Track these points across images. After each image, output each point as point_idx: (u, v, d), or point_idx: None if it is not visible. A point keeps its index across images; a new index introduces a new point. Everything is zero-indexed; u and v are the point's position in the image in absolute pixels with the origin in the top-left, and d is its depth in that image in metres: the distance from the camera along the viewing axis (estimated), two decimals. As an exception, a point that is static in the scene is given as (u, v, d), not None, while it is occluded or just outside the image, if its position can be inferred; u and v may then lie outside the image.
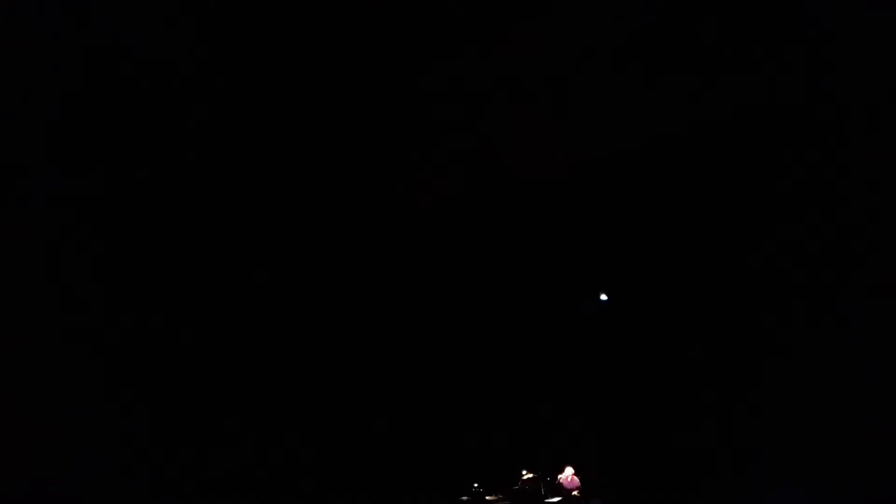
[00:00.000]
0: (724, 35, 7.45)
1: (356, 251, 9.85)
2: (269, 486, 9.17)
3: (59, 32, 6.58)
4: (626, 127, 8.61)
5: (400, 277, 10.32)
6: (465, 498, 10.58)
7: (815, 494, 7.75)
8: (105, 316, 8.06)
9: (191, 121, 7.79)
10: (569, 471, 10.36)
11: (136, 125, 7.64)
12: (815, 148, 8.05)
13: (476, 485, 10.65)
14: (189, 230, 8.63)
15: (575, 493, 10.18)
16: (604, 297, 10.98)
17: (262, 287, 9.38)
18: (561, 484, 10.27)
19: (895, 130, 7.50)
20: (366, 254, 9.91)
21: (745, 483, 8.60)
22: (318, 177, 8.87)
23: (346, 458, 10.00)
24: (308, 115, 8.12)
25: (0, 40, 6.44)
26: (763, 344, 8.87)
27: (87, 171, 7.64)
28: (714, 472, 8.90)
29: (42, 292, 7.64)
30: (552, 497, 10.23)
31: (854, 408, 7.78)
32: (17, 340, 7.42)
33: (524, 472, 10.64)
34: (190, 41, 7.06)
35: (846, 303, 8.08)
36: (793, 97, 7.91)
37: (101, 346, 8.03)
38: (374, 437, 10.30)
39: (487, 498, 10.57)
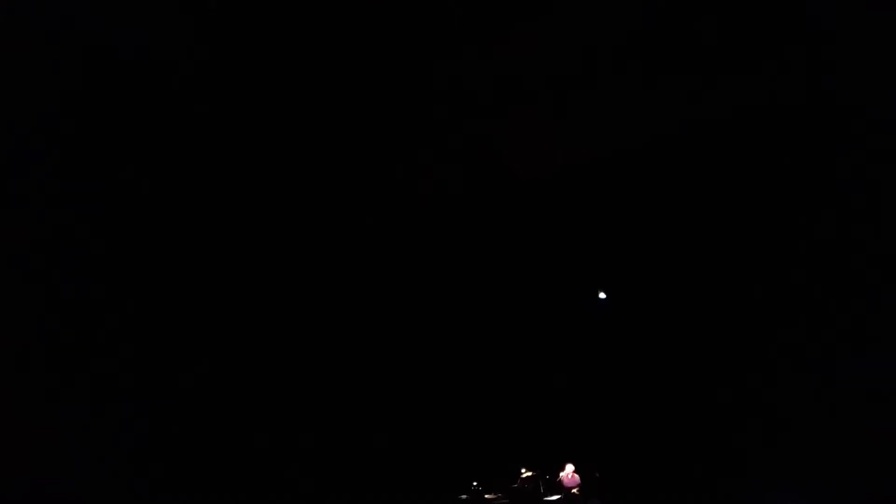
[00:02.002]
0: (724, 35, 7.44)
1: (355, 251, 9.85)
2: (269, 486, 9.17)
3: (58, 32, 6.57)
4: (625, 127, 8.61)
5: (399, 278, 10.32)
6: (464, 496, 10.59)
7: (815, 494, 7.76)
8: (105, 317, 8.05)
9: (191, 121, 7.79)
10: (569, 468, 10.39)
11: (136, 125, 7.63)
12: (815, 148, 8.06)
13: (475, 483, 10.66)
14: (189, 229, 8.63)
15: (574, 490, 10.20)
16: (602, 295, 10.99)
17: (262, 287, 9.38)
18: (561, 481, 10.29)
19: (895, 130, 7.51)
20: (365, 254, 9.91)
21: (745, 483, 8.61)
22: (317, 178, 8.87)
23: (345, 457, 10.00)
24: (307, 117, 8.11)
25: (0, 40, 6.43)
26: (763, 344, 8.87)
27: (87, 171, 7.64)
28: (714, 472, 8.90)
29: (41, 292, 7.64)
30: (551, 495, 10.25)
31: (854, 408, 7.79)
32: (17, 340, 7.42)
33: (523, 471, 10.66)
34: (190, 41, 7.06)
35: (846, 303, 8.09)
36: (793, 97, 7.91)
37: (100, 347, 8.03)
38: (373, 436, 10.30)
39: (486, 496, 10.58)
